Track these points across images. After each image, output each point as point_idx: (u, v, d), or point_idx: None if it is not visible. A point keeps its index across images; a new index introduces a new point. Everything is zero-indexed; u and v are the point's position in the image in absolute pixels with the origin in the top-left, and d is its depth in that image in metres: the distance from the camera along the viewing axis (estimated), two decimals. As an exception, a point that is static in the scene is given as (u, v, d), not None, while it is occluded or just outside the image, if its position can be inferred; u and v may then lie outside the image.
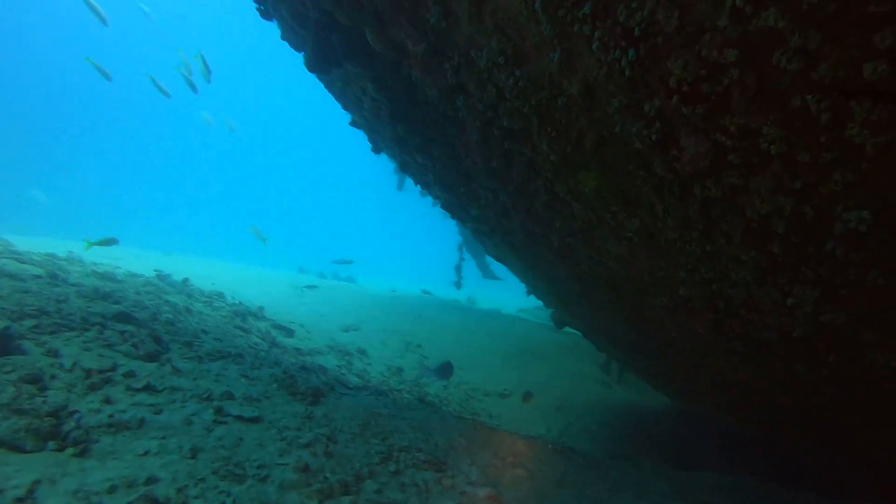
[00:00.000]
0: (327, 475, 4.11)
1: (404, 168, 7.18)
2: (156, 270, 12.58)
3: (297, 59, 7.71)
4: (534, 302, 34.48)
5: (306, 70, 6.94)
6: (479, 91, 4.30)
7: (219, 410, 4.46)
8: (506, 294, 36.49)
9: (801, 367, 4.26)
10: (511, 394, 13.63)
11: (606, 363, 16.32)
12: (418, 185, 7.90)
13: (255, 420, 4.56)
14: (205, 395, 4.63)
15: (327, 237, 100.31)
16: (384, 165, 23.28)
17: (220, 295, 12.10)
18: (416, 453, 5.11)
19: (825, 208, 2.77)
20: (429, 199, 21.64)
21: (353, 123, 8.12)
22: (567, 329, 21.75)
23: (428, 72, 4.45)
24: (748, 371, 5.09)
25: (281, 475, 3.87)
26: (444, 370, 9.67)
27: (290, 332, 11.38)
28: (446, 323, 16.74)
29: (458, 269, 19.49)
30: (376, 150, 8.51)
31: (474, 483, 4.96)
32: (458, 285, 19.74)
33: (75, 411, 3.66)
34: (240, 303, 11.99)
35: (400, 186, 21.38)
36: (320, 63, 5.57)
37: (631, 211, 4.16)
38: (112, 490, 3.00)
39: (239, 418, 4.47)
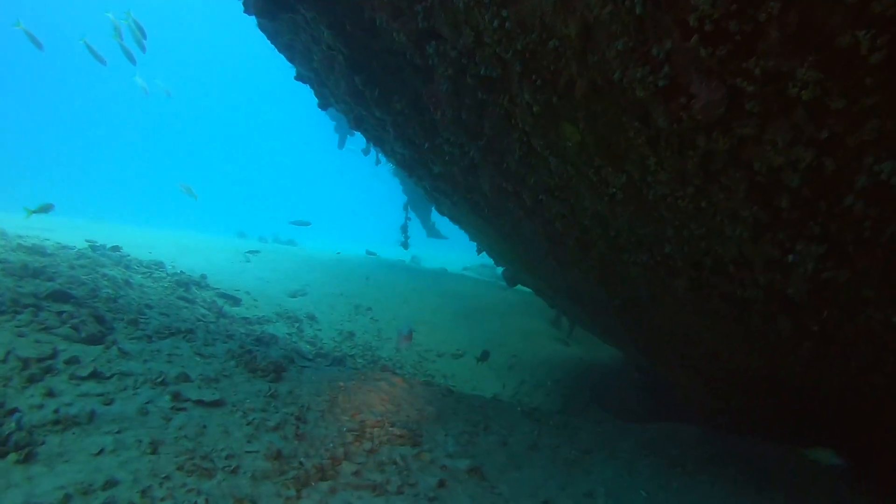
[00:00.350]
0: (301, 460, 3.79)
1: (358, 123, 6.69)
2: (88, 241, 11.66)
3: (235, 7, 7.02)
4: (479, 260, 34.50)
5: (246, 15, 6.31)
6: (453, 36, 3.91)
7: (176, 395, 4.03)
8: (449, 253, 36.45)
9: (785, 325, 4.19)
10: (464, 353, 13.56)
11: (556, 319, 16.45)
12: (371, 142, 7.40)
13: (216, 403, 4.16)
14: (158, 380, 4.17)
15: (267, 200, 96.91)
16: (325, 124, 22.41)
17: (160, 265, 11.36)
18: (390, 427, 4.85)
19: (849, 160, 2.58)
20: (370, 158, 21.02)
21: (300, 77, 7.52)
22: (518, 287, 21.89)
23: (396, 15, 4.01)
24: (722, 330, 5.03)
25: (252, 464, 3.52)
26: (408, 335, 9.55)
27: (236, 301, 10.83)
28: (394, 284, 16.43)
29: (404, 228, 19.07)
30: (324, 105, 7.96)
31: (453, 455, 4.75)
32: (404, 245, 19.35)
33: (14, 409, 3.18)
34: (181, 272, 11.28)
35: (341, 145, 20.61)
36: (269, 7, 4.98)
37: (618, 166, 3.92)
38: (66, 500, 2.60)
39: (199, 403, 4.06)
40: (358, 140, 21.24)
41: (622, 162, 3.86)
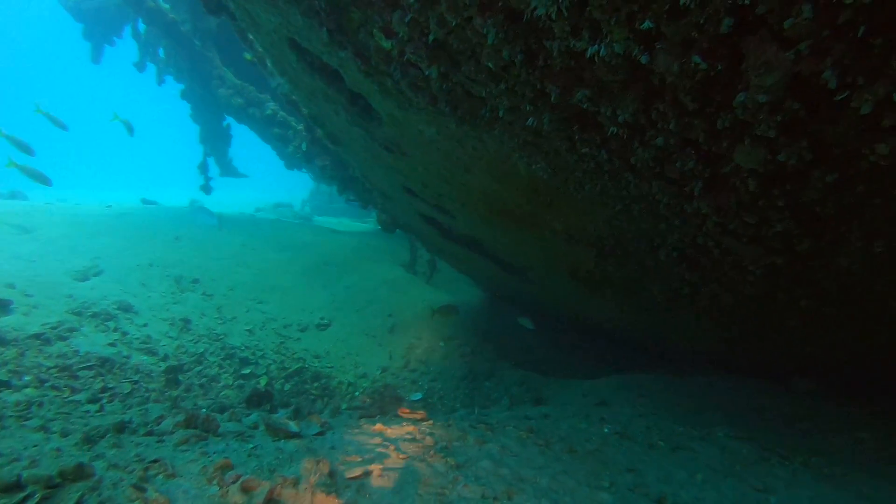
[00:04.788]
0: None
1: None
2: None
3: None
4: (272, 199, 30.59)
5: None
6: None
7: None
8: (229, 193, 31.53)
9: None
10: (331, 322, 10.90)
11: (412, 263, 14.33)
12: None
13: None
14: None
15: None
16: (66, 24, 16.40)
17: None
18: None
19: None
20: (142, 79, 15.99)
21: None
22: (347, 227, 19.13)
23: None
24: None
25: None
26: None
27: (4, 306, 6.76)
28: (214, 242, 12.73)
29: (203, 168, 14.84)
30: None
31: None
32: (205, 189, 15.14)
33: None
34: None
35: (96, 59, 15.12)
36: None
37: None
38: None
39: None
40: (122, 52, 15.96)
41: None
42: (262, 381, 8.43)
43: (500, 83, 3.40)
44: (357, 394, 9.09)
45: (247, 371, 8.45)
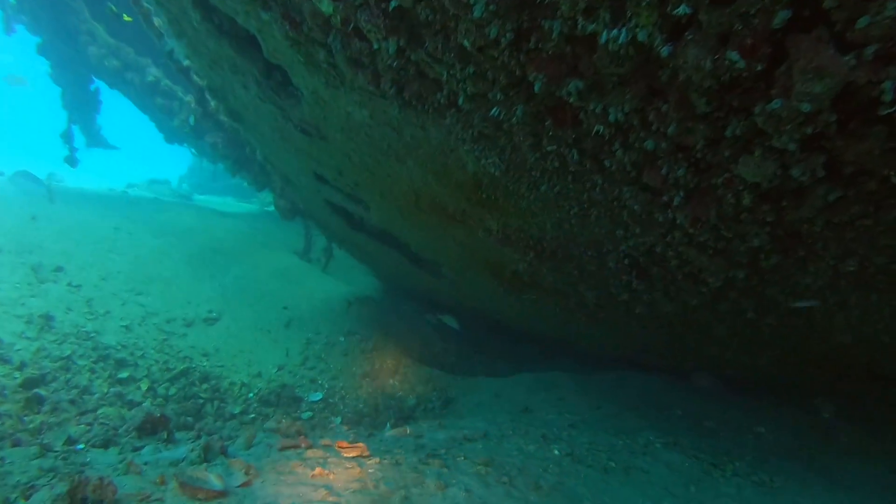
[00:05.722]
0: None
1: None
2: None
3: None
4: (147, 175, 28.04)
5: None
6: None
7: None
8: (94, 165, 28.55)
9: None
10: (220, 316, 9.94)
11: (306, 250, 13.47)
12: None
13: None
14: None
15: None
16: None
17: None
18: None
19: None
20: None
21: None
22: (233, 208, 17.76)
23: None
24: None
25: None
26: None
27: None
28: (81, 222, 11.19)
29: (68, 137, 13.01)
30: None
31: None
32: (71, 161, 13.31)
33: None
34: None
35: None
36: None
37: None
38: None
39: None
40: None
41: None
42: (143, 385, 7.46)
43: (468, 65, 2.89)
44: (251, 395, 8.33)
45: (124, 375, 7.42)
